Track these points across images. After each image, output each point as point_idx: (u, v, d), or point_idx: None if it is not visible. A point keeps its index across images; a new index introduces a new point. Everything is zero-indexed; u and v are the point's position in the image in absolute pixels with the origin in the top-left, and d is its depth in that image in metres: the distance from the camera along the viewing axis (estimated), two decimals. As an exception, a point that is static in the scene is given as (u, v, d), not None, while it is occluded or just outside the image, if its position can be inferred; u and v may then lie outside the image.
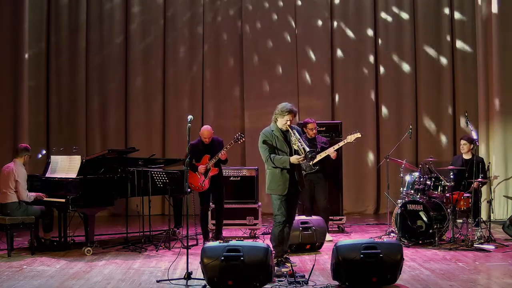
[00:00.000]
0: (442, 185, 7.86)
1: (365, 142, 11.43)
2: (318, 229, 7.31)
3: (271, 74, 11.77)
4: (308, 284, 5.61)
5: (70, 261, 6.92)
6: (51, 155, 8.32)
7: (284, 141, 6.19)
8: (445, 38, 11.57)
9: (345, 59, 11.77)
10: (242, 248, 5.40)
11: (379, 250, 5.44)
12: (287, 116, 6.13)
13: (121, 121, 11.76)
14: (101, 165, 7.75)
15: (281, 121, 6.18)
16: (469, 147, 8.28)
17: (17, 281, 5.94)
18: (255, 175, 8.58)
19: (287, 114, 6.12)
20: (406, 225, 7.68)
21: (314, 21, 11.78)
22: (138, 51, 11.78)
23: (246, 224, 8.51)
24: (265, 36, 11.80)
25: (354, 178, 11.53)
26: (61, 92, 11.73)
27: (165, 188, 7.98)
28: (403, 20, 11.68)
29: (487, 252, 7.17)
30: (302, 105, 11.60)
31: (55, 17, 11.68)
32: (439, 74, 11.64)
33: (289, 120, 6.16)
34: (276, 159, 6.14)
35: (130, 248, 7.60)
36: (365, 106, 11.69)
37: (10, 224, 7.25)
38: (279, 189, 6.18)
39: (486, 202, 9.09)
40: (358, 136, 8.00)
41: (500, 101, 10.24)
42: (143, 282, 5.87)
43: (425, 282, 5.75)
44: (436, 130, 11.60)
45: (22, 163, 7.63)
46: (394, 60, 11.71)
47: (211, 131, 7.95)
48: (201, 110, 11.70)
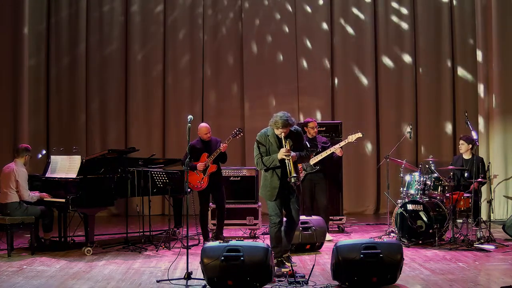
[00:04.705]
0: (442, 185, 7.86)
1: (365, 142, 11.45)
2: (318, 229, 7.31)
3: (272, 74, 11.77)
4: (308, 284, 5.61)
5: (70, 261, 6.92)
6: (51, 155, 8.33)
7: (278, 148, 6.13)
8: (446, 38, 11.58)
9: (346, 59, 11.77)
10: (242, 248, 5.40)
11: (379, 250, 5.44)
12: (281, 129, 6.06)
13: (121, 121, 11.76)
14: (101, 165, 7.75)
15: (276, 131, 6.14)
16: (467, 147, 8.27)
17: (17, 281, 5.94)
18: (255, 175, 8.58)
19: (280, 128, 6.04)
20: (406, 225, 7.69)
21: (314, 20, 11.79)
22: (138, 51, 11.78)
23: (246, 224, 8.51)
24: (265, 36, 11.80)
25: (354, 178, 11.54)
26: (61, 92, 11.73)
27: (165, 188, 7.99)
28: (403, 15, 11.68)
29: (487, 252, 7.17)
30: (302, 105, 11.63)
31: (56, 17, 11.67)
32: (439, 74, 11.64)
33: (283, 132, 6.08)
34: (265, 159, 6.14)
35: (130, 248, 7.60)
36: (365, 106, 11.69)
37: (10, 224, 7.25)
38: (267, 195, 6.20)
39: (486, 202, 9.09)
40: (359, 136, 8.01)
41: (500, 100, 10.25)
42: (143, 282, 5.87)
43: (425, 282, 5.75)
44: (436, 130, 11.61)
45: (23, 163, 7.63)
46: (394, 60, 11.71)
47: (209, 127, 7.99)
48: (201, 110, 11.71)
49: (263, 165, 6.16)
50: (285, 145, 6.07)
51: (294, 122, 6.19)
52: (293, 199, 6.23)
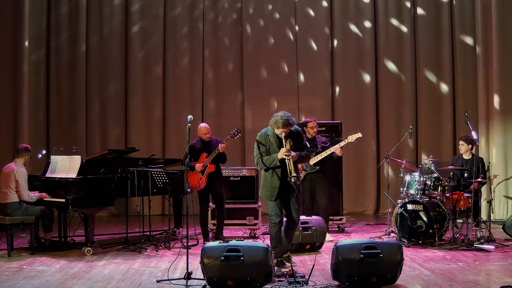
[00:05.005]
0: (442, 185, 7.86)
1: (365, 142, 11.44)
2: (318, 229, 7.31)
3: (272, 74, 11.76)
4: (308, 284, 5.61)
5: (70, 261, 6.92)
6: (51, 155, 8.33)
7: (278, 148, 6.13)
8: (446, 38, 11.58)
9: (346, 59, 11.77)
10: (242, 248, 5.40)
11: (379, 250, 5.44)
12: (281, 129, 6.06)
13: (121, 121, 11.76)
14: (101, 165, 7.75)
15: (276, 130, 6.14)
16: (467, 148, 8.27)
17: (17, 281, 5.94)
18: (255, 175, 8.58)
19: (281, 127, 6.05)
20: (406, 225, 7.68)
21: (315, 21, 11.78)
22: (139, 51, 11.77)
23: (246, 224, 8.51)
24: (265, 36, 11.80)
25: (354, 178, 11.53)
26: (61, 92, 11.73)
27: (165, 188, 7.99)
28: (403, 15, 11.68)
29: (487, 252, 7.17)
30: (302, 105, 11.63)
31: (55, 18, 11.67)
32: (439, 74, 11.64)
33: (284, 132, 6.08)
34: (265, 159, 6.14)
35: (130, 248, 7.60)
36: (365, 106, 11.69)
37: (10, 224, 7.25)
38: (267, 195, 6.20)
39: (486, 202, 9.09)
40: (359, 136, 8.01)
41: (500, 100, 10.25)
42: (143, 282, 5.87)
43: (425, 282, 5.75)
44: (436, 129, 11.60)
45: (23, 163, 7.64)
46: (394, 60, 11.71)
47: (208, 127, 8.00)
48: (201, 110, 11.70)
49: (263, 165, 6.16)
50: (286, 145, 6.07)
51: (295, 122, 6.19)
52: (293, 199, 6.22)
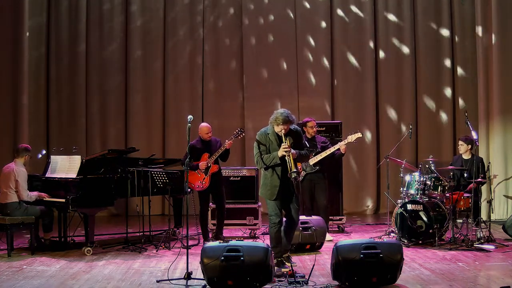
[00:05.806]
0: (442, 185, 7.86)
1: (365, 142, 11.45)
2: (318, 229, 7.32)
3: (272, 74, 11.77)
4: (308, 284, 5.61)
5: (70, 261, 6.92)
6: (51, 155, 8.33)
7: (278, 146, 6.12)
8: (446, 38, 11.58)
9: (346, 59, 11.77)
10: (242, 248, 5.40)
11: (379, 250, 5.44)
12: (281, 126, 6.06)
13: (121, 121, 11.76)
14: (101, 165, 7.75)
15: (276, 128, 6.15)
16: (466, 148, 8.27)
17: (17, 281, 5.94)
18: (255, 175, 8.58)
19: (281, 124, 6.05)
20: (406, 225, 7.68)
21: (314, 20, 11.79)
22: (138, 51, 11.77)
23: (246, 224, 8.51)
24: (265, 36, 11.81)
25: (354, 178, 11.55)
26: (61, 92, 11.73)
27: (165, 188, 7.99)
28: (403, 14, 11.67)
29: (487, 252, 7.17)
30: (302, 105, 11.63)
31: (55, 18, 11.68)
32: (440, 74, 11.64)
33: (284, 129, 6.08)
34: (265, 158, 6.14)
35: (130, 248, 7.60)
36: (365, 106, 11.69)
37: (10, 224, 7.25)
38: (268, 194, 6.20)
39: (486, 202, 9.09)
40: (359, 136, 8.01)
41: (500, 100, 10.25)
42: (143, 282, 5.87)
43: (425, 282, 5.75)
44: (436, 130, 11.60)
45: (23, 163, 7.64)
46: (395, 60, 11.71)
47: (210, 127, 8.00)
48: (201, 110, 11.71)
49: (263, 164, 6.16)
50: (286, 142, 6.08)
51: (294, 120, 6.20)
52: (293, 199, 6.22)
